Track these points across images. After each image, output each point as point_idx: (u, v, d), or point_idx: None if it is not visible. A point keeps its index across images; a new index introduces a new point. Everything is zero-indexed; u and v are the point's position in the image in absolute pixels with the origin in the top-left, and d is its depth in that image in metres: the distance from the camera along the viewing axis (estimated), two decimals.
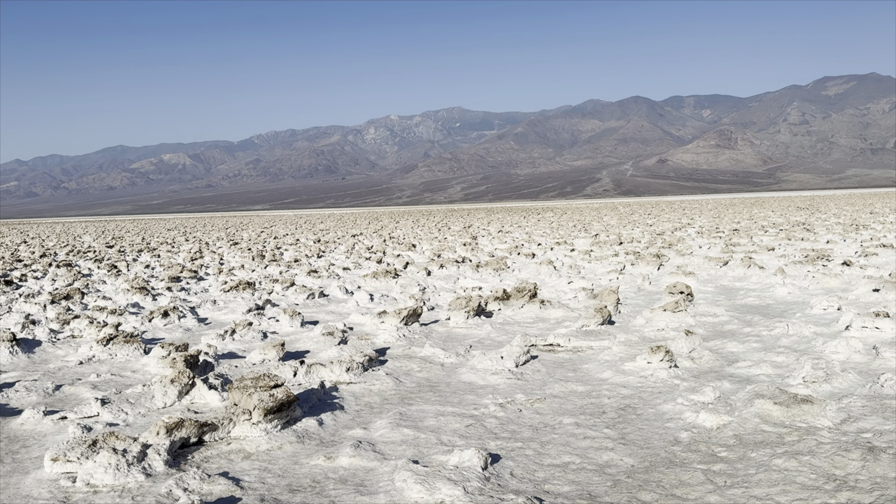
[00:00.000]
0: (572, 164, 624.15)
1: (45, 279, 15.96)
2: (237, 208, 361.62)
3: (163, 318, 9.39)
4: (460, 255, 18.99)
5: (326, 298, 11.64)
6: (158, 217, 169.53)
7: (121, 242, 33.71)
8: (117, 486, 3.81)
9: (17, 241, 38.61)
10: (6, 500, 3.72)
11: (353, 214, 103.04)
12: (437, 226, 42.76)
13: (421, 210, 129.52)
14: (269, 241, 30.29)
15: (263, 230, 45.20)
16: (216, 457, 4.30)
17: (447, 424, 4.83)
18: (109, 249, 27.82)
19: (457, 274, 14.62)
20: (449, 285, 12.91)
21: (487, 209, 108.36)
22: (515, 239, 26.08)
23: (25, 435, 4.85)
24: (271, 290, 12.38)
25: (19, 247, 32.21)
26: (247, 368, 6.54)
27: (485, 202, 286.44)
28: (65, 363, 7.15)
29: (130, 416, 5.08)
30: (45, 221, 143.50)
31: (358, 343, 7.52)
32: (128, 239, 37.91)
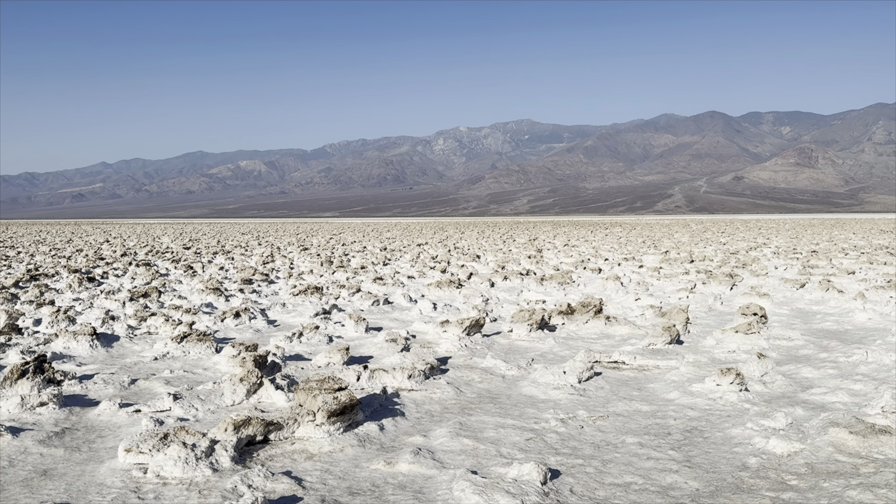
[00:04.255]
0: (643, 178, 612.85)
1: (125, 277, 16.71)
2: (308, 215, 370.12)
3: (234, 318, 9.69)
4: (524, 267, 18.89)
5: (391, 306, 11.77)
6: (233, 221, 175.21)
7: (197, 244, 34.96)
8: (185, 480, 3.94)
9: (100, 241, 40.57)
10: (81, 486, 3.90)
11: (419, 224, 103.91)
12: (503, 237, 42.67)
13: (486, 221, 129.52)
14: (338, 248, 30.86)
15: (332, 237, 46.10)
16: (280, 455, 4.40)
17: (507, 437, 4.80)
18: (186, 251, 28.90)
19: (520, 286, 14.54)
20: (512, 297, 12.86)
21: (554, 222, 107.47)
22: (582, 253, 25.76)
23: (101, 425, 5.07)
24: (338, 296, 12.60)
25: (102, 245, 33.84)
26: (312, 371, 6.68)
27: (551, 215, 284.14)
28: (140, 358, 7.46)
29: (200, 412, 5.26)
30: (126, 222, 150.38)
31: (420, 351, 7.57)
32: (204, 241, 39.30)
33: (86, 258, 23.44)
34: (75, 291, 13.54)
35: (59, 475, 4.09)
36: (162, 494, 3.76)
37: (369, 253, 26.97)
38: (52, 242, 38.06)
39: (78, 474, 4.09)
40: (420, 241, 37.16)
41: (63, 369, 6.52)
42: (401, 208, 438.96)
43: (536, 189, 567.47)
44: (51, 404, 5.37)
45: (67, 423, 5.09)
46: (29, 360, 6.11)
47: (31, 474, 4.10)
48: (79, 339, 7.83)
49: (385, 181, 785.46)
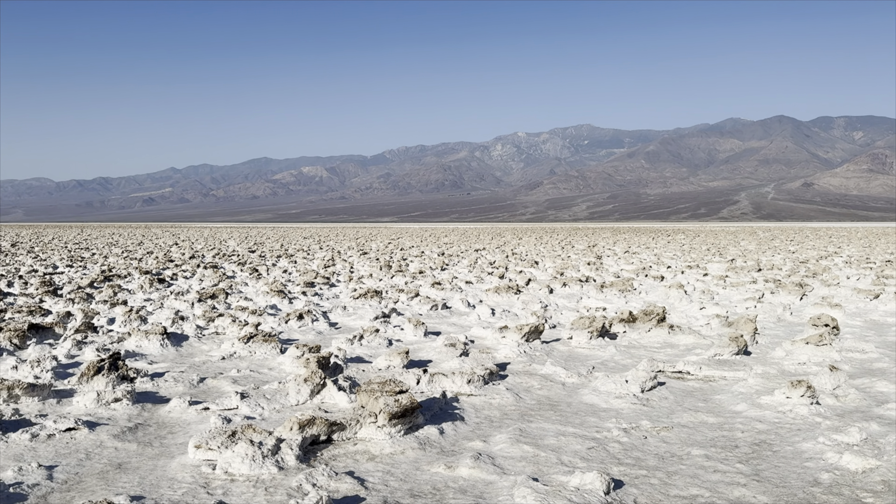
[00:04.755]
0: (707, 184, 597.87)
1: (193, 279, 17.27)
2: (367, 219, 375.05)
3: (298, 320, 9.89)
4: (584, 274, 18.67)
5: (449, 310, 11.81)
6: (295, 225, 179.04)
7: (261, 248, 35.85)
8: (252, 477, 4.05)
9: (169, 243, 42.03)
10: (154, 480, 4.05)
11: (476, 229, 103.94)
12: (561, 244, 42.28)
13: (544, 227, 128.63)
14: (396, 253, 31.16)
15: (391, 241, 46.57)
16: (343, 456, 4.47)
17: (568, 445, 4.76)
18: (251, 254, 29.67)
19: (580, 293, 14.38)
20: (571, 304, 12.73)
21: (613, 229, 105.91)
22: (643, 260, 25.30)
23: (172, 422, 5.25)
24: (397, 300, 12.72)
25: (171, 248, 35.05)
26: (373, 373, 6.76)
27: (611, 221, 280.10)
28: (209, 358, 7.69)
29: (266, 410, 5.39)
30: (194, 226, 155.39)
31: (479, 356, 7.57)
32: (268, 245, 40.27)
33: (156, 260, 24.33)
34: (146, 292, 14.07)
35: (132, 469, 4.25)
36: (230, 490, 3.87)
37: (427, 258, 27.13)
38: (124, 245, 39.64)
39: (150, 469, 4.25)
40: (477, 247, 37.17)
41: (136, 367, 6.79)
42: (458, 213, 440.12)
43: (596, 195, 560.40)
44: (124, 400, 5.59)
45: (140, 418, 5.30)
46: (104, 357, 6.38)
47: (107, 467, 4.28)
48: (150, 338, 8.14)
49: (443, 186, 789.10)
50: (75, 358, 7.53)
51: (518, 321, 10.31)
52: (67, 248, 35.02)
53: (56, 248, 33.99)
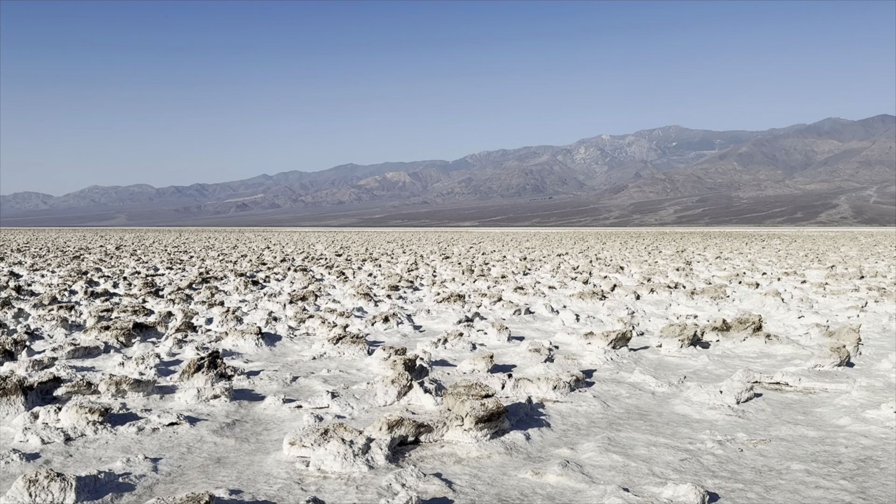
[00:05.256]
0: (804, 187, 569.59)
1: (284, 281, 17.86)
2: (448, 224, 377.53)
3: (383, 322, 10.07)
4: (672, 280, 18.14)
5: (532, 315, 11.73)
6: (379, 230, 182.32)
7: (347, 252, 36.70)
8: (343, 475, 4.15)
9: (261, 247, 43.64)
10: (251, 475, 4.22)
11: (558, 234, 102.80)
12: (647, 249, 41.24)
13: (629, 232, 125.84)
14: (478, 257, 31.22)
15: (472, 246, 46.72)
16: (430, 457, 4.52)
17: (659, 455, 4.63)
18: (338, 257, 30.43)
19: (668, 300, 13.98)
20: (660, 311, 12.39)
21: (703, 233, 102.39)
22: (736, 266, 24.35)
23: (267, 419, 5.45)
24: (479, 304, 12.74)
25: (263, 252, 36.38)
26: (458, 376, 6.80)
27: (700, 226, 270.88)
28: (300, 357, 7.94)
29: (355, 410, 5.51)
30: (284, 230, 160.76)
31: (564, 362, 7.49)
32: (353, 249, 41.19)
33: (250, 263, 25.31)
34: (241, 293, 14.66)
35: (230, 463, 4.44)
36: (323, 487, 3.98)
37: (509, 262, 27.04)
38: (219, 248, 41.45)
39: (247, 464, 4.42)
40: (560, 252, 36.76)
41: (233, 365, 7.09)
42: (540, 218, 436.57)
43: (684, 198, 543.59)
44: (223, 397, 5.85)
45: (237, 415, 5.52)
46: (203, 356, 6.69)
47: (207, 461, 4.49)
48: (246, 337, 8.48)
49: (524, 191, 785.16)
50: (176, 356, 7.94)
51: (604, 327, 10.13)
52: (167, 251, 36.92)
53: (157, 252, 35.91)
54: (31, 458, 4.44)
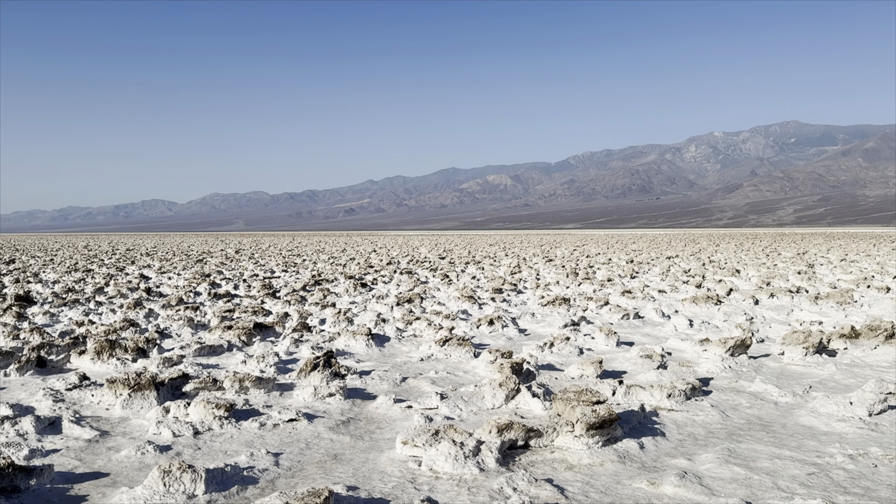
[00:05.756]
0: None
1: (391, 284, 18.27)
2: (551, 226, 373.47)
3: (488, 325, 10.10)
4: (793, 284, 17.13)
5: (641, 320, 11.40)
6: (481, 233, 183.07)
7: (450, 255, 37.07)
8: (455, 476, 4.19)
9: (368, 250, 44.83)
10: (366, 473, 4.33)
11: (667, 235, 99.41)
12: (765, 251, 39.16)
13: (744, 233, 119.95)
14: (582, 260, 30.70)
15: (576, 248, 46.00)
16: (540, 462, 4.48)
17: (784, 469, 4.39)
18: (441, 260, 30.80)
19: (790, 305, 13.21)
20: (781, 317, 11.73)
21: (826, 234, 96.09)
22: (864, 269, 22.69)
23: (379, 418, 5.59)
24: (585, 308, 12.53)
25: (370, 255, 37.36)
26: (566, 381, 6.71)
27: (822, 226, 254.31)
28: (409, 358, 8.09)
29: (464, 412, 5.56)
30: (389, 234, 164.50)
31: (678, 369, 7.23)
32: (456, 252, 41.56)
33: (358, 266, 26.07)
34: (351, 295, 15.12)
35: (346, 460, 4.58)
36: (435, 488, 4.03)
37: (615, 265, 26.42)
38: (329, 251, 42.92)
39: (362, 461, 4.55)
40: (669, 254, 35.54)
41: (346, 365, 7.31)
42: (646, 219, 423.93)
43: (804, 197, 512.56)
44: (337, 395, 6.05)
45: (351, 413, 5.69)
46: (319, 355, 6.95)
47: (325, 457, 4.65)
48: (357, 338, 8.74)
49: (630, 191, 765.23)
50: (293, 355, 8.28)
51: (720, 334, 9.70)
52: (282, 254, 38.62)
53: (272, 255, 37.64)
54: (164, 449, 4.75)
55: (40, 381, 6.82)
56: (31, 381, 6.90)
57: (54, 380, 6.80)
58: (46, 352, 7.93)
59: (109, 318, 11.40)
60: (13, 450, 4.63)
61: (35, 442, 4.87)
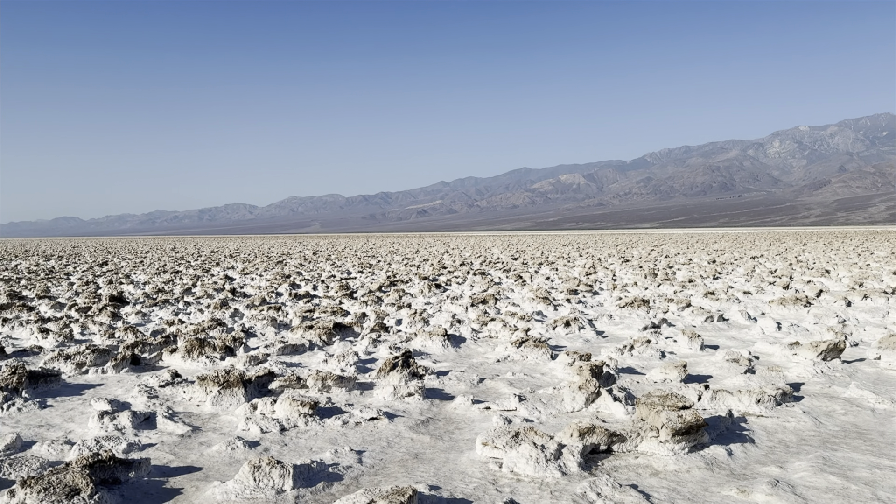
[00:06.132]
0: None
1: (464, 284, 18.32)
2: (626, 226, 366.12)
3: (564, 327, 9.98)
4: (889, 285, 16.20)
5: (726, 323, 11.03)
6: (554, 233, 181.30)
7: (523, 255, 36.87)
8: (537, 478, 4.16)
9: (441, 251, 45.11)
10: (447, 473, 4.36)
11: (750, 234, 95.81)
12: (857, 250, 37.19)
13: (834, 231, 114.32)
14: (661, 260, 29.94)
15: (654, 248, 44.91)
16: (624, 468, 4.40)
17: (884, 479, 4.15)
18: (514, 261, 30.66)
19: (886, 307, 12.50)
20: (876, 320, 11.11)
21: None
22: None
23: (458, 418, 5.61)
24: (666, 310, 12.21)
25: (443, 256, 37.57)
26: (648, 385, 6.56)
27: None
28: (485, 359, 8.09)
29: (543, 414, 5.51)
30: (460, 234, 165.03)
31: (767, 374, 6.95)
32: (529, 252, 41.30)
33: (431, 267, 26.27)
34: (426, 296, 15.24)
35: (427, 459, 4.62)
36: (517, 490, 4.02)
37: (696, 265, 25.65)
38: (403, 252, 43.43)
39: (443, 461, 4.58)
40: (753, 254, 34.24)
41: (423, 365, 7.38)
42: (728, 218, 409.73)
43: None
44: (416, 395, 6.11)
45: (430, 413, 5.74)
46: (397, 355, 7.04)
47: (406, 456, 4.70)
48: (433, 338, 8.80)
49: (710, 189, 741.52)
50: (372, 354, 8.42)
51: (811, 337, 9.28)
52: (357, 255, 39.34)
53: (348, 256, 38.38)
54: (253, 445, 4.92)
55: (135, 378, 7.18)
56: (127, 377, 7.27)
57: (148, 377, 7.16)
58: (140, 350, 8.34)
59: (197, 318, 11.89)
60: (112, 443, 4.89)
61: (132, 436, 5.13)
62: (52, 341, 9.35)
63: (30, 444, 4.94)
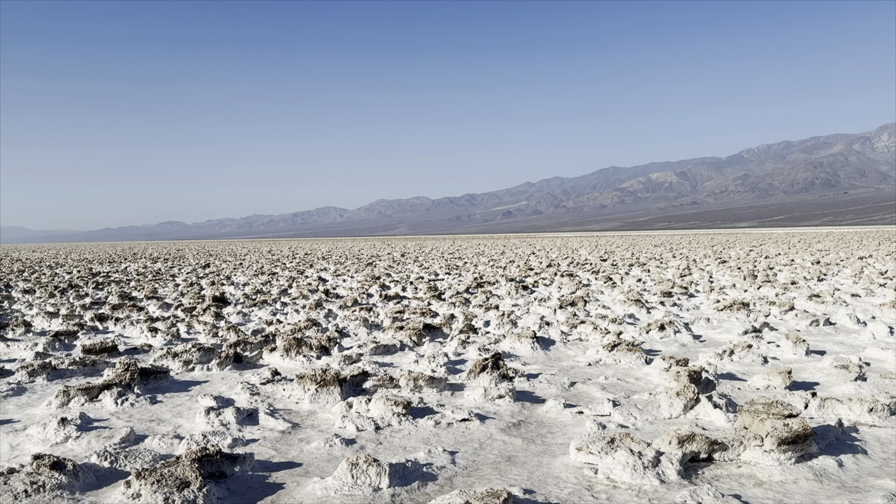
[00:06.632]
0: None
1: (552, 286, 18.13)
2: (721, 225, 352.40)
3: (659, 331, 9.71)
4: None
5: (833, 327, 10.43)
6: (644, 233, 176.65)
7: (612, 257, 36.14)
8: (634, 486, 4.07)
9: (527, 252, 44.82)
10: (541, 477, 4.32)
11: (857, 234, 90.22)
12: None
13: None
14: (760, 261, 28.65)
15: (752, 249, 43.02)
16: (726, 477, 4.24)
17: None
18: (603, 262, 30.10)
19: None
20: None
21: None
22: None
23: (549, 422, 5.56)
24: (768, 313, 11.67)
25: (529, 257, 37.32)
26: (750, 392, 6.30)
27: None
28: (575, 363, 7.98)
29: (639, 421, 5.38)
30: (546, 236, 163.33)
31: (880, 381, 6.52)
32: (618, 253, 40.43)
33: (518, 268, 26.15)
34: (513, 298, 15.19)
35: (520, 463, 4.60)
36: (613, 497, 3.94)
37: (798, 266, 24.39)
38: (489, 254, 43.44)
39: (536, 465, 4.55)
40: (861, 254, 32.22)
41: (513, 367, 7.36)
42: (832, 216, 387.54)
43: None
44: (507, 397, 6.10)
45: (521, 415, 5.72)
46: (487, 357, 7.05)
47: (498, 458, 4.70)
48: (522, 341, 8.76)
49: (812, 186, 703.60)
50: (461, 355, 8.47)
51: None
52: (444, 257, 39.66)
53: (435, 258, 38.76)
54: (349, 443, 5.04)
55: (237, 376, 7.51)
56: (230, 375, 7.61)
57: (249, 374, 7.47)
58: (241, 348, 8.71)
59: (294, 318, 12.31)
60: (218, 438, 5.13)
61: (236, 432, 5.37)
62: (160, 340, 9.91)
63: (142, 438, 5.25)
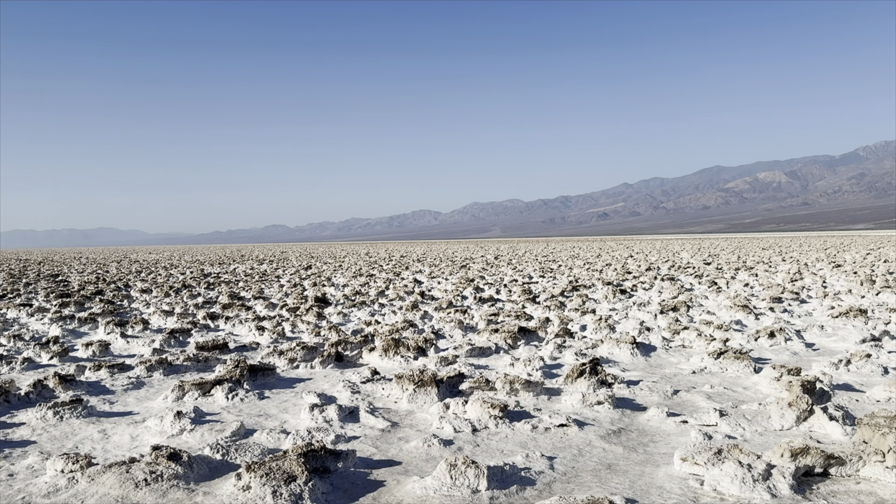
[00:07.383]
0: None
1: (652, 290, 17.63)
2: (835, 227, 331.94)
3: (768, 338, 9.26)
4: None
5: None
6: (751, 236, 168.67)
7: (717, 260, 34.73)
8: (743, 499, 3.90)
9: (624, 255, 43.79)
10: (643, 486, 4.21)
11: None
12: None
13: None
14: (878, 265, 26.76)
15: (869, 252, 40.23)
16: (843, 493, 3.99)
17: None
18: (707, 266, 28.98)
19: None
20: None
21: None
22: None
23: (652, 430, 5.40)
24: (888, 321, 10.89)
25: (627, 260, 36.44)
26: (869, 405, 5.90)
27: None
28: (678, 370, 7.73)
29: (747, 432, 5.15)
30: (645, 238, 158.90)
31: None
32: (723, 257, 38.82)
33: (615, 272, 25.59)
34: (610, 302, 14.88)
35: (621, 471, 4.50)
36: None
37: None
38: (584, 257, 42.75)
39: (638, 474, 4.44)
40: None
41: (611, 373, 7.21)
42: None
43: None
44: (606, 404, 5.98)
45: (621, 423, 5.59)
46: (584, 362, 6.94)
47: (598, 466, 4.62)
48: (621, 346, 8.57)
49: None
50: (557, 360, 8.38)
51: None
52: (538, 260, 39.35)
53: (529, 261, 38.51)
54: (447, 443, 5.09)
55: (339, 374, 7.74)
56: (332, 373, 7.86)
57: (350, 373, 7.69)
58: (342, 348, 8.98)
59: (391, 319, 12.56)
60: (322, 434, 5.30)
61: (339, 428, 5.53)
62: (267, 338, 10.35)
63: (251, 432, 5.49)
